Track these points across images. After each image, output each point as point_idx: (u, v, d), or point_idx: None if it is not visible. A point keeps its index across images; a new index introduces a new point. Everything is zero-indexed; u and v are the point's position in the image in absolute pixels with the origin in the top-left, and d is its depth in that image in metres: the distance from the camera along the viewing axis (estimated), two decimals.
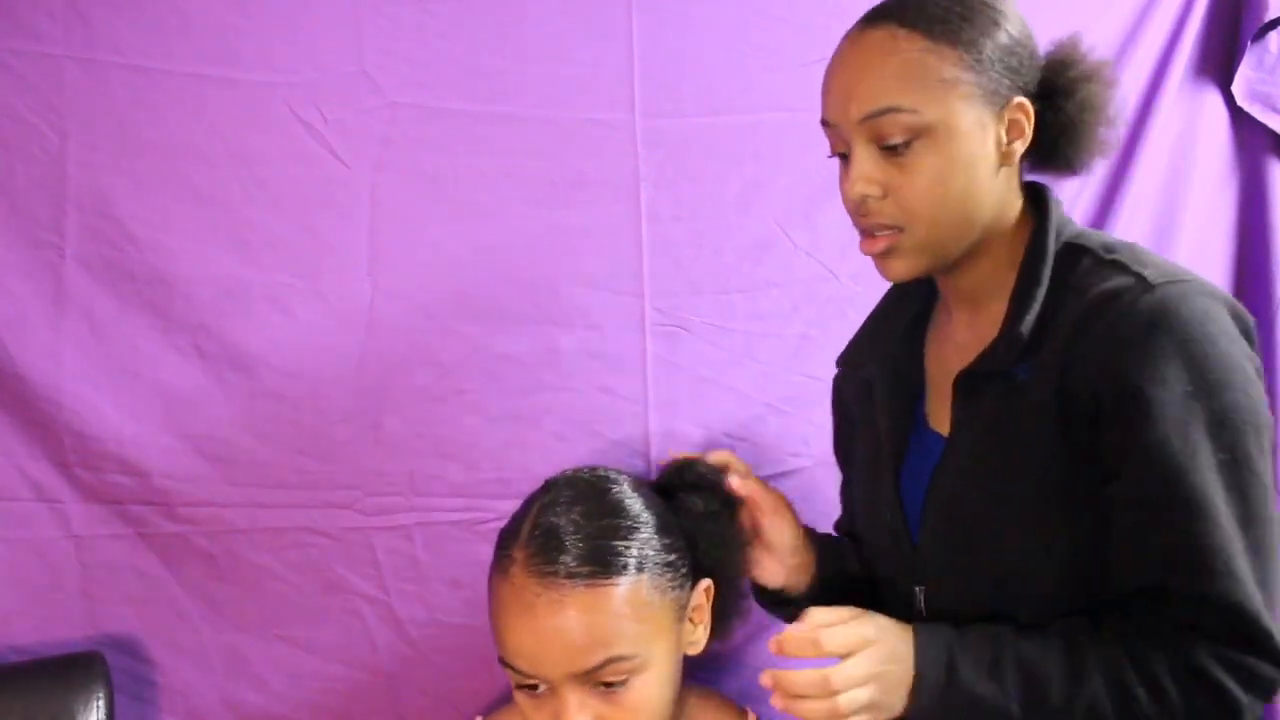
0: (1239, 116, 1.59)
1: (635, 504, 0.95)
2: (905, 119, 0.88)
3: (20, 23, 1.20)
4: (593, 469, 1.01)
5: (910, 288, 1.08)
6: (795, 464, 1.45)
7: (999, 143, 0.91)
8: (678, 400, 1.42)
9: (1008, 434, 0.91)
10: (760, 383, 1.45)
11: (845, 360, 1.17)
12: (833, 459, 1.24)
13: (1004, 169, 0.93)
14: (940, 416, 1.00)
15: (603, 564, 0.89)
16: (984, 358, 0.94)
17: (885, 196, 0.91)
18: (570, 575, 0.88)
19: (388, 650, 1.36)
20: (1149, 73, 1.55)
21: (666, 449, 1.40)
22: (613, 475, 0.99)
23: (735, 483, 1.08)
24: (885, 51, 0.89)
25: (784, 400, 1.45)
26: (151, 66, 1.25)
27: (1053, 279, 0.93)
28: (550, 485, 0.99)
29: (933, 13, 0.89)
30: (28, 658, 1.24)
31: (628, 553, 0.90)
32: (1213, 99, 1.60)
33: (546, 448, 1.37)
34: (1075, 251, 0.93)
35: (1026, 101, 0.92)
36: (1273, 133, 1.58)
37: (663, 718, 0.93)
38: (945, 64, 0.88)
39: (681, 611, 0.95)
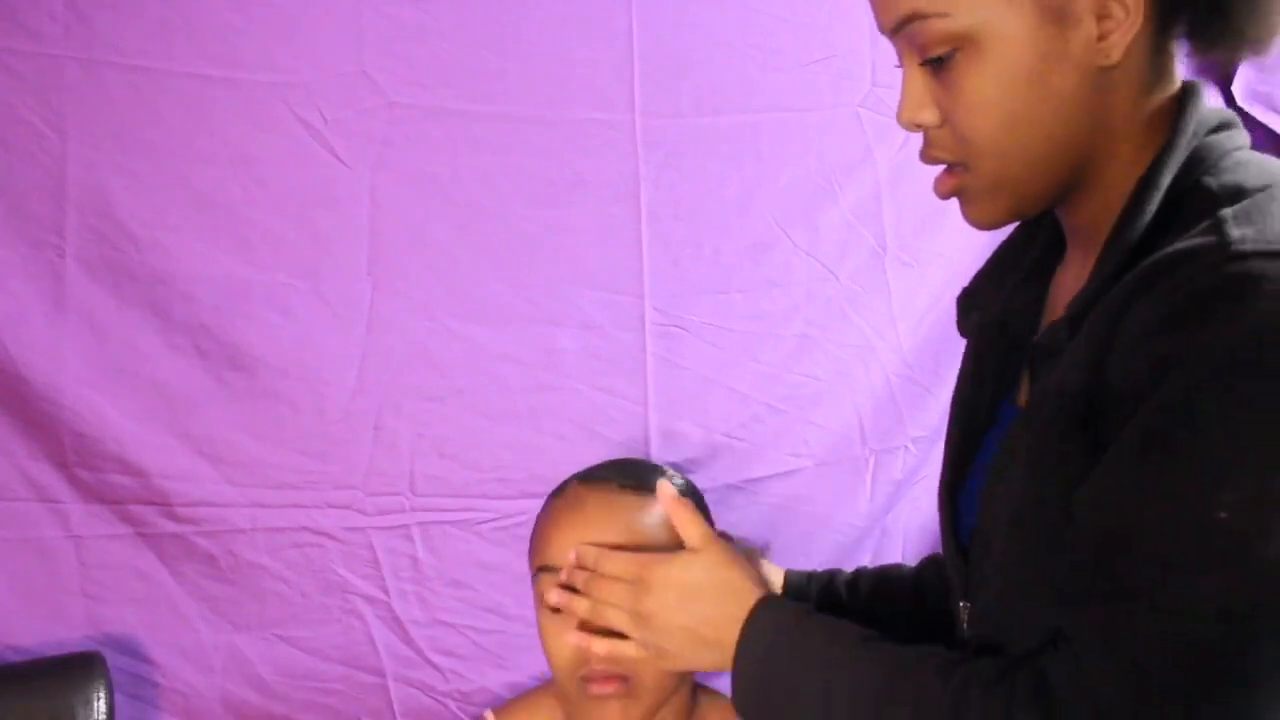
0: (1239, 116, 1.59)
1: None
2: (936, 26, 0.68)
3: (20, 23, 1.20)
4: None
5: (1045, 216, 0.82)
6: (795, 464, 1.45)
7: (1087, 41, 0.67)
8: (678, 400, 1.42)
9: (1046, 432, 0.70)
10: (760, 383, 1.45)
11: (963, 298, 0.93)
12: (832, 459, 1.24)
13: (1109, 74, 0.69)
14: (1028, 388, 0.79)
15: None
16: (1054, 327, 0.72)
17: (944, 124, 0.73)
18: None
19: (388, 650, 1.36)
20: None
21: (666, 449, 1.41)
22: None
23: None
24: None
25: (784, 400, 1.45)
26: (151, 66, 1.24)
27: (1161, 228, 0.68)
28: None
29: None
30: (28, 658, 1.24)
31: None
32: (1213, 99, 1.60)
33: (546, 448, 1.37)
34: (1201, 193, 0.68)
35: None
36: (1273, 132, 1.58)
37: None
38: None
39: None
